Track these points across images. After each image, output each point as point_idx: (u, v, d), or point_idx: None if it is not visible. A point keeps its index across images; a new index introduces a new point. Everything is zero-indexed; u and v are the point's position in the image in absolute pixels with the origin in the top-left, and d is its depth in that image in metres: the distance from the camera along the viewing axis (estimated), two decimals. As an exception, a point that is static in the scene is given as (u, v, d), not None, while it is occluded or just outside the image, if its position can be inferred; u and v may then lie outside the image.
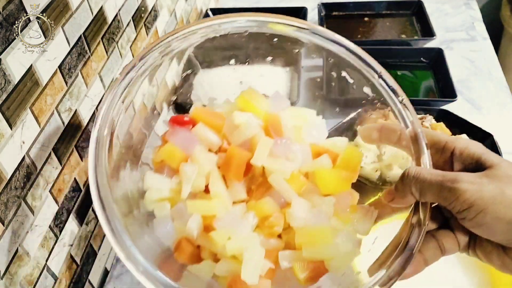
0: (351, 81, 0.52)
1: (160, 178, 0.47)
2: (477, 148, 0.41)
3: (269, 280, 0.44)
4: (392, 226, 0.45)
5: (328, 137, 0.85)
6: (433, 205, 0.42)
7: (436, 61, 1.07)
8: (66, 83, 0.63)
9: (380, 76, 0.47)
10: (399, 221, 0.44)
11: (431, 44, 1.14)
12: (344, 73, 0.52)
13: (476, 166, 0.40)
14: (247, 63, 1.08)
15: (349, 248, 0.45)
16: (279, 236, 0.47)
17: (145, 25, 0.88)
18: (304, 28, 0.48)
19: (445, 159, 0.42)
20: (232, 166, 0.46)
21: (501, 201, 0.36)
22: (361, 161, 0.49)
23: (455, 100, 0.94)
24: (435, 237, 0.42)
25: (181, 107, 0.97)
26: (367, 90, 0.50)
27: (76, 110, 0.66)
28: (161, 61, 0.48)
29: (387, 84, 0.47)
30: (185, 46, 0.49)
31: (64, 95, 0.63)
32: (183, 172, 0.46)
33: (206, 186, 0.47)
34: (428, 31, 1.16)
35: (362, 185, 0.52)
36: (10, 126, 0.52)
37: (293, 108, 0.53)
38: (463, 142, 0.42)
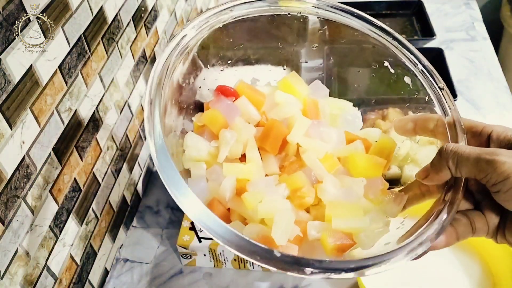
0: (392, 71, 0.53)
1: (199, 140, 0.49)
2: None
3: (297, 246, 0.45)
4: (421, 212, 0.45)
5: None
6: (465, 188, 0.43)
7: (436, 61, 1.07)
8: (66, 83, 0.63)
9: (422, 64, 0.49)
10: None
11: (431, 44, 1.14)
12: (386, 63, 0.53)
13: None
14: (249, 64, 1.09)
15: (379, 225, 0.46)
16: (308, 211, 0.47)
17: (145, 25, 0.88)
18: (353, 15, 0.51)
19: (481, 142, 0.43)
20: (270, 138, 0.48)
21: None
22: (394, 149, 0.50)
23: (455, 100, 0.94)
24: (467, 216, 0.42)
25: (185, 106, 0.97)
26: (407, 80, 0.51)
27: (76, 110, 0.66)
28: (214, 27, 0.50)
29: (428, 71, 0.49)
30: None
31: (64, 95, 0.63)
32: (223, 136, 0.47)
33: (242, 156, 0.48)
34: (428, 31, 1.16)
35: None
36: (10, 126, 0.52)
37: (331, 98, 0.55)
38: (501, 127, 0.43)
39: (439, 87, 0.48)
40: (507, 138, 0.41)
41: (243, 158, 0.48)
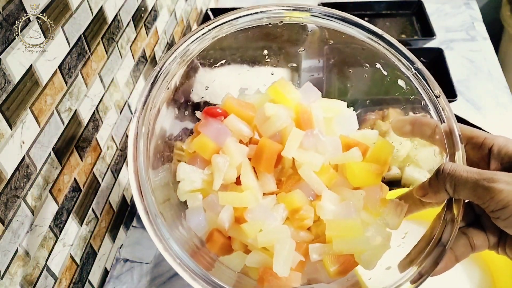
0: (385, 73, 0.52)
1: (192, 170, 0.48)
2: None
3: (300, 273, 0.45)
4: (422, 222, 0.45)
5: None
6: (465, 201, 0.42)
7: (436, 61, 1.07)
8: (66, 83, 0.63)
9: (416, 69, 0.47)
10: (430, 218, 0.44)
11: (431, 44, 1.14)
12: (378, 65, 0.52)
13: None
14: (247, 63, 1.08)
15: (379, 242, 0.45)
16: (309, 228, 0.47)
17: (145, 25, 0.88)
18: (339, 19, 0.49)
19: (482, 155, 0.42)
20: (263, 158, 0.47)
21: None
22: (391, 154, 0.49)
23: (455, 100, 0.94)
24: (466, 234, 0.42)
25: (181, 106, 0.97)
26: (401, 83, 0.50)
27: (76, 110, 0.66)
28: (196, 51, 0.50)
29: (423, 77, 0.47)
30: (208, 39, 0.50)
31: (64, 95, 0.63)
32: (215, 164, 0.46)
33: (237, 178, 0.47)
34: (428, 31, 1.16)
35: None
36: (10, 126, 0.52)
37: (324, 100, 0.53)
38: (503, 140, 0.41)
39: (435, 95, 0.46)
40: (508, 154, 0.40)
41: (239, 180, 0.47)
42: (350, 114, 0.53)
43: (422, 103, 0.47)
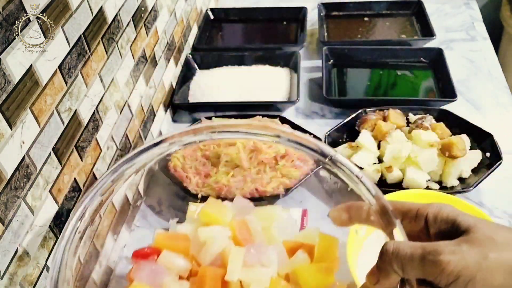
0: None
1: None
2: (450, 211, 0.40)
3: None
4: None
5: (328, 137, 0.85)
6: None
7: (436, 61, 1.07)
8: (66, 83, 0.63)
9: (330, 159, 0.44)
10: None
11: (431, 44, 1.14)
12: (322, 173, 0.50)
13: (452, 229, 0.39)
14: (245, 64, 1.07)
15: None
16: None
17: (145, 25, 0.88)
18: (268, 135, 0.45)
19: (420, 227, 0.41)
20: None
21: (487, 267, 0.35)
22: (337, 247, 0.47)
23: (455, 100, 0.94)
24: None
25: (179, 108, 0.97)
26: (323, 173, 0.48)
27: (76, 110, 0.66)
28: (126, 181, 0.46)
29: (339, 167, 0.44)
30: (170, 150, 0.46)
31: (64, 95, 0.63)
32: None
33: None
34: (428, 31, 1.16)
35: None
36: (10, 126, 0.52)
37: (258, 209, 0.51)
38: (435, 207, 0.41)
39: (358, 177, 0.43)
40: (444, 220, 0.39)
41: None
42: (288, 217, 0.51)
43: (348, 189, 0.45)
